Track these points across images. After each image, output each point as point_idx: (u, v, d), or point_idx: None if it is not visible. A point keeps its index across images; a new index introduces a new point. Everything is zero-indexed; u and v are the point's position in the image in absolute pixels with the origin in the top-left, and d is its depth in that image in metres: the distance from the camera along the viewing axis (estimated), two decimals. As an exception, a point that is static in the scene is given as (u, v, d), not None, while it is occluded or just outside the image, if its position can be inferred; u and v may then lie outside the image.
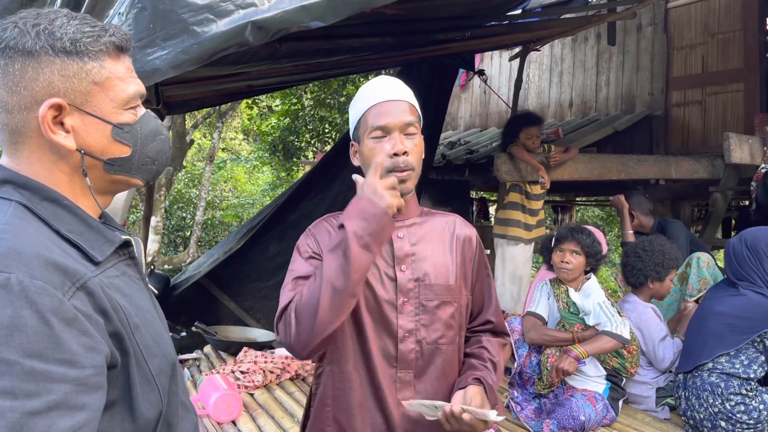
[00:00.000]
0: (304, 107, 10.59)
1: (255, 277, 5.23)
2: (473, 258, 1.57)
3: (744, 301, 2.68)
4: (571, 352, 2.74)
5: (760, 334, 2.59)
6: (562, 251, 2.95)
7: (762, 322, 2.59)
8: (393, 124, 1.43)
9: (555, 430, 2.71)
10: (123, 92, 0.99)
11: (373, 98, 1.47)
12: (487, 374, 1.48)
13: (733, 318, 2.67)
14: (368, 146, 1.46)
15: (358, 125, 1.50)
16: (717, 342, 2.69)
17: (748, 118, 5.35)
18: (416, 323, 1.46)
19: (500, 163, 4.19)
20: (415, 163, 1.45)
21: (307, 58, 4.07)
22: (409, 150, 1.43)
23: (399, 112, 1.44)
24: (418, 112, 1.51)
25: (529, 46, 5.50)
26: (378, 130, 1.44)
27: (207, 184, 11.46)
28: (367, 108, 1.47)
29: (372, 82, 1.51)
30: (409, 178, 1.44)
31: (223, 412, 2.84)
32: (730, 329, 2.66)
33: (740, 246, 2.80)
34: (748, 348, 2.62)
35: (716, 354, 2.67)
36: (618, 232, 12.24)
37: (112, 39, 0.98)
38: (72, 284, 0.85)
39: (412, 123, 1.45)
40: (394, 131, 1.43)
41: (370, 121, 1.45)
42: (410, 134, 1.45)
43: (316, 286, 1.31)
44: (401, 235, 1.50)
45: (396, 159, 1.42)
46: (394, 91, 1.48)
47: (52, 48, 0.92)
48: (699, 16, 5.88)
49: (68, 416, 0.79)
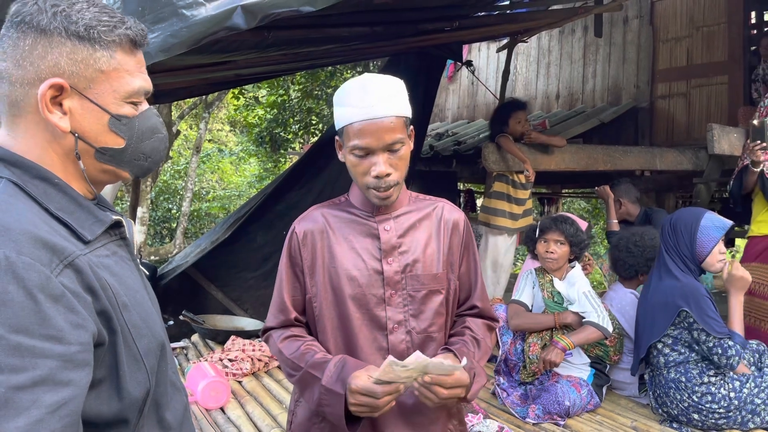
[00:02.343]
0: (291, 98, 10.54)
1: (242, 267, 5.22)
2: (460, 243, 1.57)
3: (662, 286, 2.74)
4: (558, 343, 2.78)
5: (677, 315, 2.64)
6: (546, 241, 2.98)
7: (676, 302, 2.64)
8: (375, 145, 1.38)
9: (540, 415, 2.75)
10: (128, 85, 0.99)
11: (357, 113, 1.38)
12: (462, 346, 1.49)
13: (656, 305, 2.74)
14: (351, 160, 1.43)
15: (341, 131, 1.43)
16: (647, 332, 2.77)
17: (732, 111, 5.42)
18: (405, 314, 1.47)
19: (488, 152, 4.21)
20: (399, 178, 1.43)
21: (295, 47, 4.06)
22: (392, 170, 1.40)
23: (384, 132, 1.37)
24: (407, 118, 1.43)
25: (516, 38, 5.51)
26: (360, 150, 1.39)
27: (193, 175, 11.40)
28: (350, 122, 1.39)
29: (358, 86, 1.39)
30: (392, 193, 1.43)
31: (212, 399, 2.85)
32: (655, 317, 2.73)
33: (667, 222, 2.87)
34: (680, 332, 2.67)
35: (648, 343, 2.74)
36: (603, 224, 12.36)
37: (128, 32, 0.98)
38: (60, 261, 0.85)
39: (398, 140, 1.39)
40: (377, 153, 1.39)
41: (352, 137, 1.39)
42: (396, 151, 1.40)
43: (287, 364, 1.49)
44: (388, 227, 1.50)
45: (378, 181, 1.40)
46: (380, 104, 1.37)
47: (65, 30, 0.93)
48: (684, 9, 5.93)
49: (53, 392, 0.79)
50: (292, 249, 1.52)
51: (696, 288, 2.65)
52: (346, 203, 1.55)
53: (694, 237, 2.72)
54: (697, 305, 2.60)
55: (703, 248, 2.71)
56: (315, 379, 1.40)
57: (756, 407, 2.57)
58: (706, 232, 2.71)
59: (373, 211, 1.51)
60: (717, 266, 2.74)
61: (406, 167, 1.46)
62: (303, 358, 1.44)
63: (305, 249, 1.50)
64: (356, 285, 1.46)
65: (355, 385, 1.32)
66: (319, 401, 1.39)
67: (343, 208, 1.54)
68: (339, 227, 1.51)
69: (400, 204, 1.53)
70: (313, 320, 1.52)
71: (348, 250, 1.48)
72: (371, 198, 1.45)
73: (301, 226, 1.52)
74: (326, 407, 1.38)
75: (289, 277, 1.52)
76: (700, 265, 2.74)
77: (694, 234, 2.73)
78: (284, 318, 1.53)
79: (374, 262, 1.47)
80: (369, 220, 1.51)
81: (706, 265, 2.73)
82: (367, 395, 1.31)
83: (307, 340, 1.50)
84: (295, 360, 1.45)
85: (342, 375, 1.36)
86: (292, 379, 1.49)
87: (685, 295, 2.63)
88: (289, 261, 1.53)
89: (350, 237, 1.49)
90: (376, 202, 1.46)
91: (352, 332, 1.46)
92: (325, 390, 1.37)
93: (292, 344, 1.49)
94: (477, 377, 1.44)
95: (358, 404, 1.32)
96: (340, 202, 1.57)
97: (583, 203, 13.25)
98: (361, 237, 1.49)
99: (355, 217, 1.52)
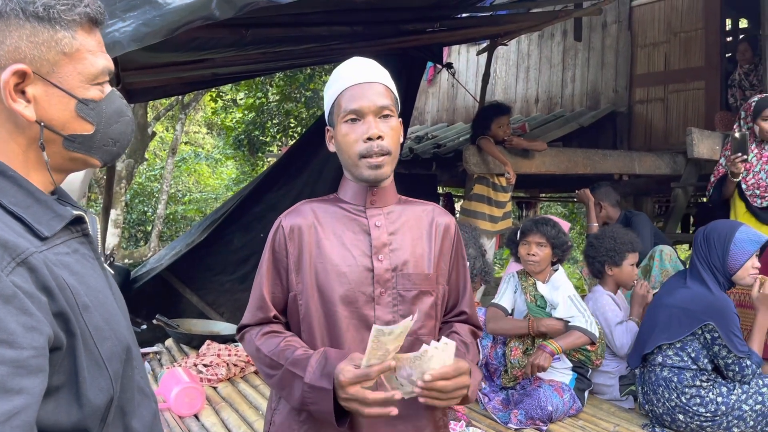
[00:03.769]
0: (270, 101, 10.45)
1: (218, 270, 5.12)
2: (451, 248, 1.52)
3: (689, 293, 2.71)
4: (546, 347, 2.73)
5: (701, 327, 2.61)
6: (527, 244, 2.94)
7: (704, 314, 2.61)
8: (367, 107, 1.37)
9: (523, 420, 2.70)
10: (92, 66, 0.94)
11: (347, 80, 1.40)
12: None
13: (678, 309, 2.69)
14: (342, 131, 1.40)
15: (332, 109, 1.43)
16: (661, 331, 2.72)
17: (708, 116, 5.48)
18: (394, 314, 1.41)
19: (469, 155, 4.18)
20: (391, 147, 1.39)
21: (274, 45, 3.99)
22: (384, 134, 1.38)
23: (374, 95, 1.38)
24: (395, 95, 1.45)
25: (497, 41, 5.51)
26: (351, 113, 1.38)
27: (169, 177, 11.24)
28: (340, 91, 1.40)
29: (346, 63, 1.44)
30: (385, 163, 1.39)
31: (185, 405, 2.75)
32: (675, 320, 2.69)
33: (700, 233, 2.85)
34: (692, 341, 2.65)
35: (659, 342, 2.70)
36: (580, 229, 12.44)
37: (87, 10, 0.93)
38: (12, 259, 0.79)
39: (388, 106, 1.39)
40: (368, 115, 1.38)
41: (343, 104, 1.39)
42: (386, 117, 1.40)
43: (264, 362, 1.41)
44: (379, 223, 1.45)
45: (370, 144, 1.37)
46: (369, 72, 1.41)
47: (23, 11, 0.87)
48: (662, 15, 5.99)
49: (4, 400, 0.72)
50: (276, 244, 1.46)
51: (728, 304, 2.62)
52: (336, 199, 1.50)
53: (727, 249, 2.68)
54: (725, 322, 2.57)
55: (735, 261, 2.67)
56: (297, 378, 1.33)
57: (743, 413, 2.56)
58: (741, 245, 2.68)
59: (365, 203, 1.46)
60: (747, 280, 2.70)
61: (397, 142, 1.43)
62: (283, 355, 1.37)
63: (291, 244, 1.43)
64: (345, 282, 1.40)
65: (344, 377, 1.25)
66: (303, 400, 1.32)
67: (333, 203, 1.49)
68: (328, 222, 1.45)
69: (390, 200, 1.49)
70: (298, 319, 1.45)
71: (337, 245, 1.43)
72: (363, 172, 1.40)
73: (288, 220, 1.46)
74: (312, 405, 1.31)
75: (271, 274, 1.46)
76: (730, 278, 2.71)
77: (727, 246, 2.69)
78: (263, 315, 1.47)
79: (364, 259, 1.42)
80: (359, 215, 1.46)
81: (737, 278, 2.70)
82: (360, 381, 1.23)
83: (286, 336, 1.43)
84: (274, 357, 1.38)
85: (326, 369, 1.29)
86: (271, 380, 1.41)
87: (715, 309, 2.60)
88: (272, 256, 1.46)
89: (340, 232, 1.44)
90: (369, 176, 1.40)
91: (339, 332, 1.39)
92: (309, 387, 1.30)
93: (271, 340, 1.42)
94: (474, 372, 1.38)
95: (348, 398, 1.25)
96: (329, 198, 1.52)
97: (560, 208, 13.33)
98: (351, 232, 1.44)
99: (345, 211, 1.47)
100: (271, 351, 1.40)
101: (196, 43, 3.55)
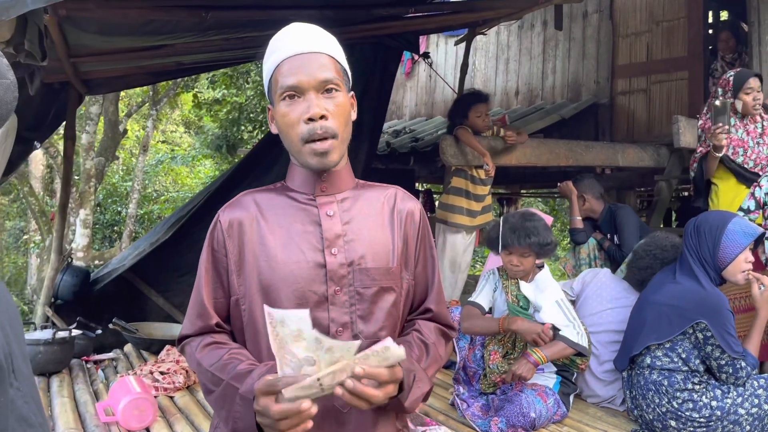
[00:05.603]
0: (249, 97, 10.23)
1: (185, 271, 4.84)
2: (416, 236, 1.33)
3: (679, 289, 2.53)
4: (530, 357, 2.52)
5: (692, 326, 2.42)
6: (510, 254, 2.71)
7: (695, 312, 2.42)
8: (306, 82, 1.19)
9: (504, 428, 2.49)
10: None
11: (284, 51, 1.22)
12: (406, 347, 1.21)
13: (667, 307, 2.51)
14: (280, 111, 1.22)
15: (270, 86, 1.25)
16: (649, 331, 2.53)
17: (692, 106, 5.33)
18: (351, 315, 1.23)
19: (446, 146, 3.97)
20: (338, 127, 1.20)
21: (238, 30, 3.75)
22: (328, 112, 1.19)
23: (315, 68, 1.20)
24: (343, 66, 1.26)
25: (475, 29, 5.31)
26: (289, 90, 1.19)
27: (141, 176, 10.91)
28: (277, 63, 1.22)
29: (284, 31, 1.25)
30: (332, 147, 1.20)
31: (135, 418, 2.51)
32: (664, 319, 2.49)
33: (691, 224, 2.68)
34: (683, 341, 2.46)
35: (647, 343, 2.51)
36: (561, 225, 12.33)
37: None
38: None
39: (332, 80, 1.20)
40: (308, 91, 1.19)
41: (280, 79, 1.21)
42: (330, 92, 1.20)
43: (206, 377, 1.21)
44: (331, 212, 1.26)
45: (312, 125, 1.18)
46: (309, 40, 1.22)
47: None
48: (644, 4, 5.84)
49: None
50: (215, 242, 1.27)
51: (721, 301, 2.44)
52: (283, 188, 1.31)
53: (718, 241, 2.51)
54: (719, 320, 2.38)
55: (726, 254, 2.50)
56: (235, 391, 1.13)
57: (739, 418, 2.37)
58: (733, 237, 2.50)
59: (314, 190, 1.27)
60: (738, 278, 2.53)
61: (346, 122, 1.24)
62: (225, 369, 1.17)
63: (230, 241, 1.25)
64: (293, 281, 1.21)
65: (257, 385, 1.05)
66: (233, 415, 1.12)
67: (279, 192, 1.30)
68: (273, 214, 1.26)
69: (345, 185, 1.30)
70: (241, 327, 1.26)
71: (284, 239, 1.24)
72: (308, 159, 1.21)
73: (227, 215, 1.27)
74: (239, 421, 1.11)
75: (210, 276, 1.27)
76: (720, 272, 2.53)
77: (718, 238, 2.52)
78: (203, 324, 1.27)
79: (315, 254, 1.23)
80: (309, 204, 1.27)
81: (727, 273, 2.53)
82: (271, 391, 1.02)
83: (231, 348, 1.24)
84: (215, 372, 1.19)
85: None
86: (211, 397, 1.21)
87: (707, 306, 2.42)
88: (211, 257, 1.27)
89: (287, 224, 1.25)
90: (314, 163, 1.21)
91: None
92: (240, 399, 1.11)
93: (214, 353, 1.22)
94: (418, 382, 1.18)
95: (257, 411, 1.05)
96: (276, 187, 1.33)
97: (541, 205, 13.21)
98: (300, 224, 1.25)
99: (292, 201, 1.28)
100: (212, 365, 1.20)
101: (151, 26, 3.30)
